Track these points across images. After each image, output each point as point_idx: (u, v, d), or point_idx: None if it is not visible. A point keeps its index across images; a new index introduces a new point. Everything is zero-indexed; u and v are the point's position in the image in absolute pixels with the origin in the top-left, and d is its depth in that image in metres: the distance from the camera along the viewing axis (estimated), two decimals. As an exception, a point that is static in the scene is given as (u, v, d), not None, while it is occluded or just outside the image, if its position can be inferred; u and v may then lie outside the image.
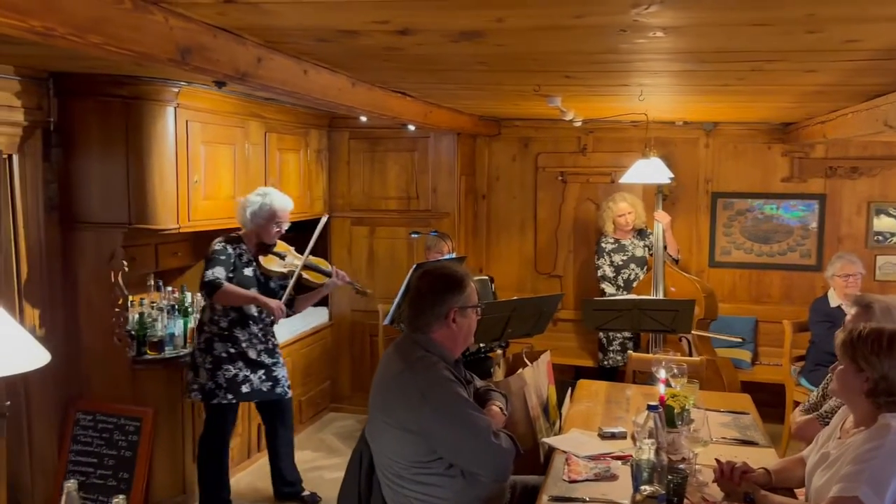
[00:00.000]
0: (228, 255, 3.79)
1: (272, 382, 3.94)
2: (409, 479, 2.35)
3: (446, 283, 2.45)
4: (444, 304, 2.42)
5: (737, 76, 2.79)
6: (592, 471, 2.61)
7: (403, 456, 2.35)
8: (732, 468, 2.46)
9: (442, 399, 2.31)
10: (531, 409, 3.18)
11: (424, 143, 5.57)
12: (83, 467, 3.89)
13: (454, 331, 2.45)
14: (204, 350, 3.84)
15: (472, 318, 2.51)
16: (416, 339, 2.46)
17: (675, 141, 5.70)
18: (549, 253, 6.05)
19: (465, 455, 2.33)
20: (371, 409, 2.48)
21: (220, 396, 3.81)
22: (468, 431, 2.31)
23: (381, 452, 2.43)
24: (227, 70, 2.30)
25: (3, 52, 3.10)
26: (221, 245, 3.83)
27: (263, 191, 3.95)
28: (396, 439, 2.35)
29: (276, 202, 3.88)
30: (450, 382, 2.36)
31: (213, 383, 3.81)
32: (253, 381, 3.87)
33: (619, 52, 2.35)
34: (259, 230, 3.89)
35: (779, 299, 5.72)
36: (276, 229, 3.91)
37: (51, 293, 3.78)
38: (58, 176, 3.82)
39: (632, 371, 4.03)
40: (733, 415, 3.32)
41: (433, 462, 2.33)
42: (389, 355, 2.52)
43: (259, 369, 3.90)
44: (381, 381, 2.46)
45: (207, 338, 3.85)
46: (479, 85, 3.34)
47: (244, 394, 3.86)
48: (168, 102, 3.84)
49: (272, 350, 3.99)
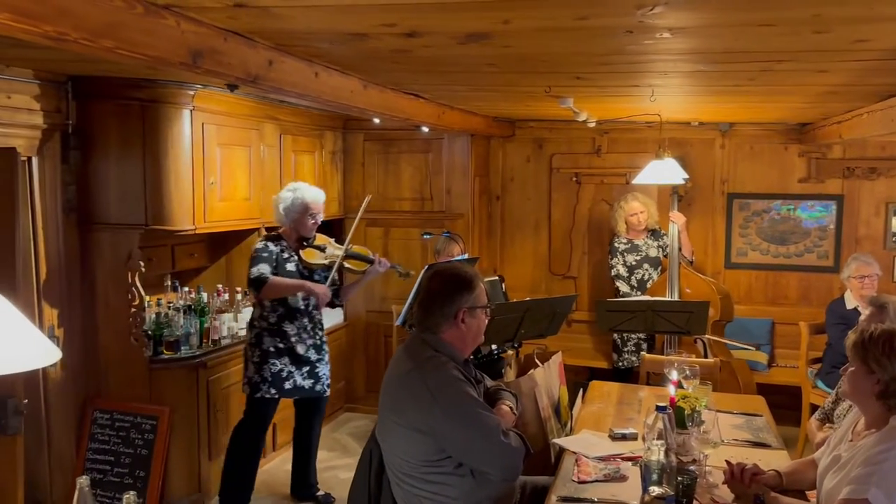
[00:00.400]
0: (270, 252, 3.87)
1: (314, 380, 4.00)
2: (418, 478, 2.37)
3: (455, 284, 2.46)
4: (452, 304, 2.43)
5: (747, 76, 2.77)
6: (602, 472, 2.60)
7: (413, 455, 2.36)
8: (743, 470, 2.44)
9: (451, 399, 2.32)
10: (542, 410, 3.19)
11: (438, 144, 5.58)
12: (100, 465, 3.95)
13: (463, 331, 2.46)
14: (254, 344, 3.93)
15: (482, 319, 2.51)
16: (426, 338, 2.47)
17: (691, 141, 5.68)
18: (564, 254, 6.04)
19: (475, 454, 2.34)
20: (381, 408, 2.49)
21: (264, 390, 3.88)
22: (478, 431, 2.32)
23: (390, 452, 2.45)
24: (239, 73, 2.33)
25: (22, 56, 3.16)
26: (263, 244, 3.92)
27: (293, 186, 4.02)
28: (406, 439, 2.36)
29: (308, 195, 3.95)
30: (459, 382, 2.37)
31: (258, 377, 3.89)
32: (296, 378, 3.94)
33: (626, 53, 2.35)
34: (295, 225, 3.96)
35: (796, 301, 5.67)
36: (312, 221, 3.97)
37: (69, 293, 3.84)
38: (76, 178, 3.88)
39: (645, 372, 4.01)
40: (746, 417, 3.30)
41: (442, 461, 2.34)
42: (399, 355, 2.53)
43: (304, 366, 3.97)
44: (391, 381, 2.47)
45: (257, 333, 3.93)
46: (490, 86, 3.35)
47: (287, 390, 3.93)
48: (184, 105, 3.89)
49: (320, 346, 4.06)
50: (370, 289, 5.66)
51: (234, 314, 4.48)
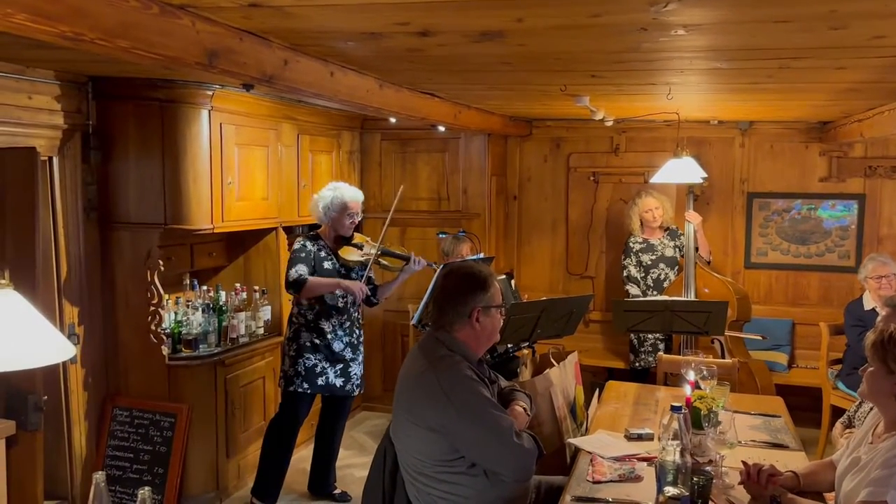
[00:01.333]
0: (308, 251, 3.94)
1: (344, 378, 4.05)
2: (432, 477, 2.37)
3: (470, 283, 2.45)
4: (467, 303, 2.43)
5: (765, 74, 2.74)
6: (617, 472, 2.59)
7: (427, 454, 2.36)
8: (759, 471, 2.42)
9: (465, 398, 2.32)
10: (557, 410, 3.18)
11: (455, 143, 5.59)
12: (119, 462, 4.00)
13: (477, 330, 2.46)
14: (291, 339, 4.02)
15: (497, 318, 2.51)
16: (440, 337, 2.47)
17: (710, 140, 5.63)
18: (581, 254, 6.02)
19: (487, 455, 2.34)
20: (395, 407, 2.50)
21: (297, 384, 3.95)
22: (490, 431, 2.31)
23: (404, 450, 2.45)
24: (254, 73, 2.35)
25: (43, 58, 3.21)
26: (301, 244, 3.98)
27: (333, 185, 4.08)
28: (420, 438, 2.37)
29: (347, 194, 4.01)
30: (472, 382, 2.36)
31: (292, 370, 3.96)
32: (328, 375, 4.00)
33: (641, 50, 2.33)
34: (334, 224, 4.02)
35: (816, 301, 5.60)
36: (350, 221, 4.03)
37: (89, 292, 3.89)
38: (96, 178, 3.93)
39: (663, 373, 3.98)
40: (764, 417, 3.26)
41: (455, 461, 2.34)
42: (414, 354, 2.54)
43: (338, 364, 4.02)
44: (406, 380, 2.48)
45: (296, 329, 4.01)
46: (505, 85, 3.34)
47: (319, 385, 3.99)
48: (202, 105, 3.92)
49: (356, 346, 4.12)
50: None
51: (251, 313, 4.51)
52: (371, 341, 5.88)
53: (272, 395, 4.64)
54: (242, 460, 4.38)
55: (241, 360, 4.33)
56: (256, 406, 4.50)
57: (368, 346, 5.84)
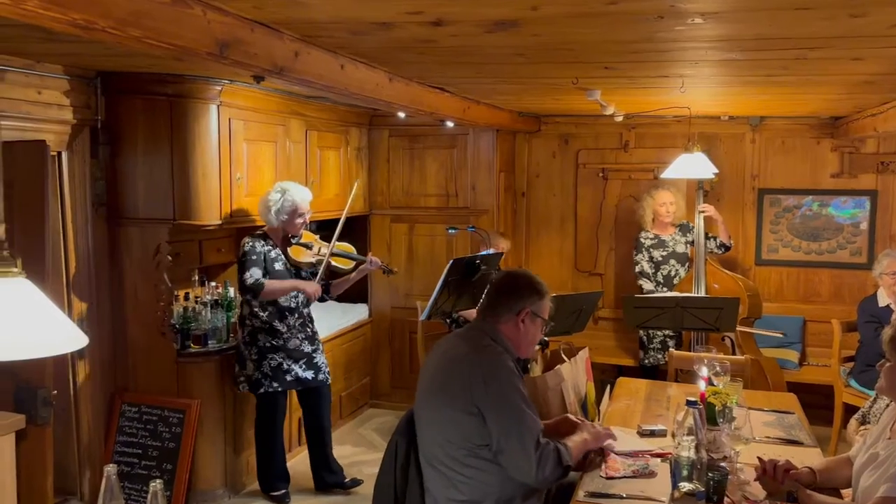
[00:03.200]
0: (259, 253, 3.91)
1: (314, 370, 4.06)
2: (459, 462, 2.37)
3: (528, 284, 2.54)
4: (521, 300, 2.49)
5: (780, 65, 2.71)
6: (630, 467, 2.57)
7: (457, 437, 2.36)
8: (775, 466, 2.39)
9: (502, 388, 2.34)
10: (569, 406, 3.15)
11: (463, 139, 5.56)
12: (128, 458, 3.99)
13: (520, 331, 2.50)
14: (249, 343, 3.98)
15: (538, 330, 2.56)
16: (484, 327, 2.51)
17: (721, 136, 5.59)
18: (590, 251, 5.99)
19: (504, 447, 2.32)
20: (424, 392, 2.50)
21: (266, 385, 3.94)
22: (515, 426, 2.32)
23: (431, 436, 2.44)
24: (265, 64, 2.33)
25: (52, 52, 3.20)
26: (250, 245, 3.93)
27: (281, 186, 4.01)
28: (452, 421, 2.37)
29: (297, 196, 3.96)
30: (513, 374, 2.40)
31: (259, 373, 3.95)
32: (295, 371, 4.00)
33: (656, 40, 2.31)
34: (284, 225, 3.98)
35: (828, 298, 5.56)
36: (301, 221, 4.00)
37: (98, 287, 3.88)
38: (105, 173, 3.92)
39: (674, 369, 3.95)
40: (778, 414, 3.23)
41: (482, 448, 2.35)
42: (452, 341, 2.57)
43: (301, 359, 4.02)
44: (441, 363, 2.49)
45: (251, 331, 3.98)
46: (517, 78, 3.31)
47: (288, 381, 3.99)
48: (211, 100, 3.91)
49: (312, 337, 4.12)
50: (394, 285, 5.67)
51: (260, 309, 4.49)
52: (379, 338, 5.87)
53: (280, 392, 4.62)
54: (251, 456, 4.36)
55: (249, 356, 4.31)
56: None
57: (375, 344, 5.86)
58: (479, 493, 2.38)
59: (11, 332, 1.28)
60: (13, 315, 1.30)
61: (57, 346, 1.32)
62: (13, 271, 1.34)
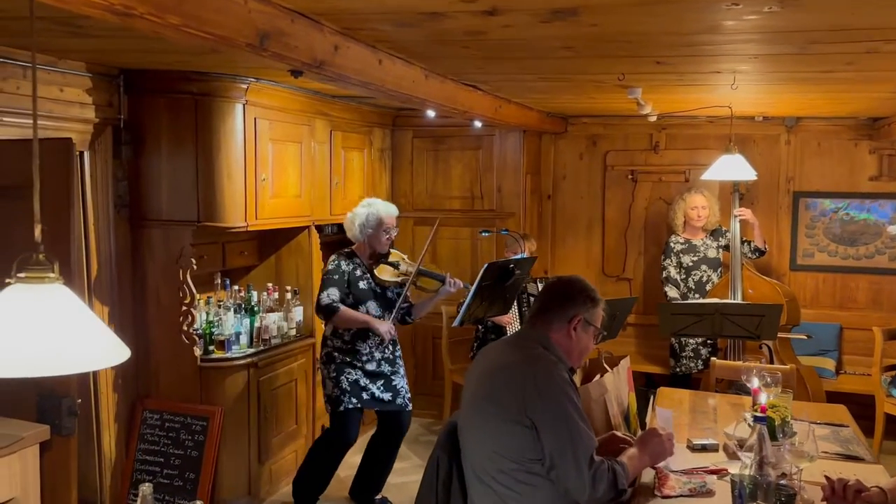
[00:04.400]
0: (342, 272, 3.81)
1: (392, 392, 3.91)
2: (509, 476, 2.23)
3: (582, 290, 2.41)
4: (573, 306, 2.37)
5: (846, 60, 2.56)
6: (686, 486, 2.42)
7: (508, 451, 2.23)
8: (845, 486, 2.23)
9: (556, 399, 2.21)
10: (612, 419, 3.00)
11: (489, 140, 5.44)
12: (150, 466, 3.87)
13: (572, 339, 2.37)
14: (326, 362, 3.87)
15: (590, 340, 2.43)
16: (534, 335, 2.38)
17: (754, 137, 5.43)
18: (618, 255, 5.84)
19: (557, 462, 2.19)
20: (470, 402, 2.37)
21: (346, 402, 3.79)
22: (570, 441, 2.18)
23: (478, 448, 2.31)
24: (305, 58, 2.21)
25: (75, 48, 3.09)
26: (335, 264, 3.83)
27: (367, 202, 3.95)
28: (503, 432, 2.23)
29: (382, 210, 3.88)
30: (568, 386, 2.26)
31: (338, 390, 3.81)
32: (373, 390, 3.85)
33: (720, 31, 2.17)
34: (370, 241, 3.88)
35: (865, 305, 5.39)
36: (387, 237, 3.90)
37: (119, 291, 3.77)
38: (127, 173, 3.82)
39: (714, 379, 3.80)
40: (832, 427, 3.08)
41: (536, 463, 2.21)
42: (500, 348, 2.46)
43: (378, 379, 3.88)
44: (490, 371, 2.35)
45: (328, 352, 3.87)
46: (560, 74, 3.18)
47: (366, 400, 3.84)
48: (237, 99, 3.80)
49: (392, 360, 3.97)
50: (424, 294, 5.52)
51: (283, 313, 4.38)
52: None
53: (304, 399, 4.51)
54: (274, 465, 4.25)
55: (273, 361, 4.20)
56: (288, 409, 4.37)
57: (399, 349, 5.72)
58: (530, 511, 2.24)
59: (49, 344, 1.15)
60: (51, 326, 1.18)
61: (99, 361, 1.19)
62: (50, 277, 1.22)
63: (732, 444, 2.62)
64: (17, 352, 1.11)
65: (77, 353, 1.16)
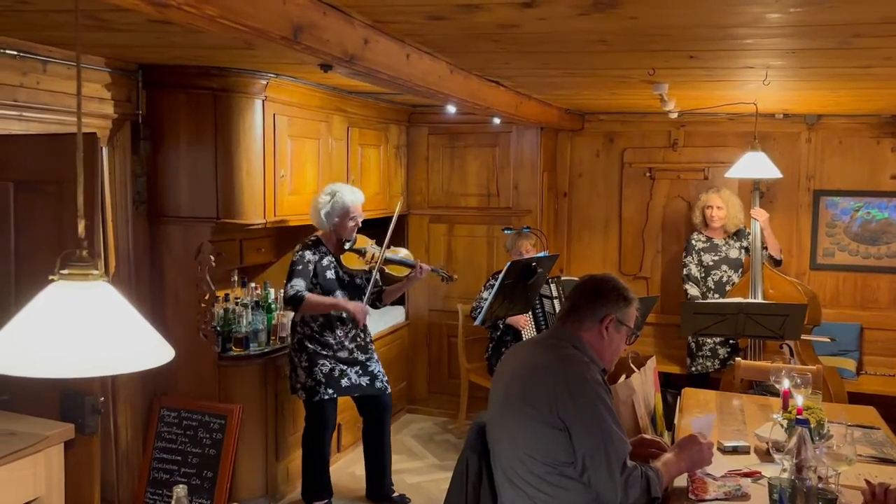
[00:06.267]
0: (307, 262, 3.76)
1: (370, 377, 3.90)
2: (541, 479, 2.19)
3: (614, 290, 2.35)
4: (605, 305, 2.31)
5: (886, 54, 2.50)
6: (721, 489, 2.37)
7: (540, 453, 2.19)
8: (886, 490, 2.19)
9: (589, 402, 2.16)
10: (640, 420, 2.97)
11: (506, 137, 5.39)
12: (167, 465, 3.84)
13: (604, 339, 2.31)
14: (298, 349, 3.84)
15: (622, 340, 2.38)
16: (565, 334, 2.33)
17: (774, 135, 5.36)
18: (635, 253, 5.78)
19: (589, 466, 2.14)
20: (500, 402, 2.32)
21: (321, 392, 3.78)
22: (603, 447, 2.13)
23: (509, 450, 2.26)
24: (336, 51, 2.17)
25: (95, 43, 3.05)
26: (299, 255, 3.78)
27: (331, 188, 3.86)
28: (535, 434, 2.19)
29: (348, 198, 3.80)
30: (601, 388, 2.21)
31: (312, 380, 3.79)
32: (350, 376, 3.84)
33: (761, 24, 2.12)
34: (335, 228, 3.82)
35: (887, 305, 5.32)
36: (352, 224, 3.84)
37: (138, 287, 3.74)
38: (146, 169, 3.79)
39: (738, 379, 3.75)
40: (863, 429, 3.03)
41: (569, 466, 2.17)
42: (529, 348, 2.43)
43: (354, 365, 3.87)
44: (521, 372, 2.30)
45: (300, 338, 3.84)
46: (587, 69, 3.12)
47: (344, 387, 3.83)
48: (256, 95, 3.76)
49: (365, 346, 3.95)
50: (433, 287, 5.49)
51: (301, 311, 4.33)
52: (416, 342, 5.71)
53: (321, 397, 4.47)
54: (292, 463, 4.21)
55: (291, 360, 4.15)
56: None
57: (412, 348, 5.69)
58: (562, 514, 2.20)
59: (94, 344, 1.11)
60: (95, 325, 1.14)
61: (144, 361, 1.16)
62: (94, 274, 1.18)
63: (768, 446, 2.57)
64: (64, 352, 1.07)
65: (123, 354, 1.13)
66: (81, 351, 1.10)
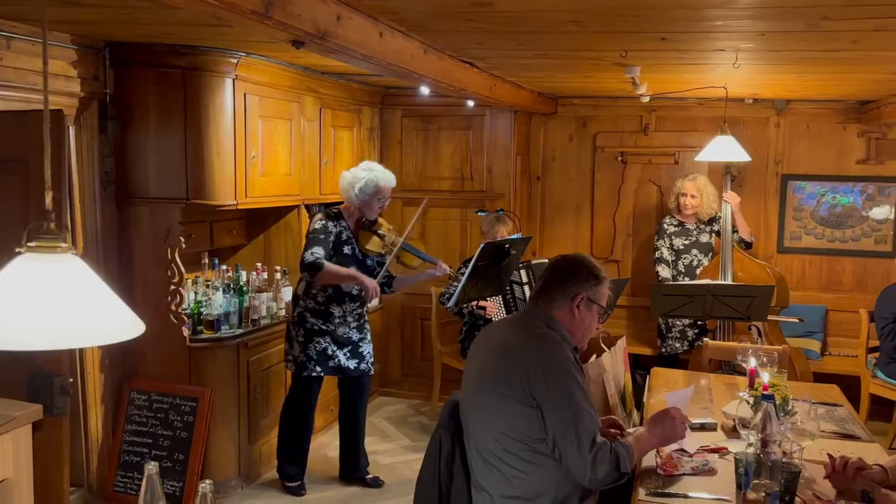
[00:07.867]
0: (329, 232, 3.76)
1: (357, 359, 3.94)
2: (515, 456, 2.21)
3: (585, 269, 2.37)
4: (576, 284, 2.32)
5: (852, 38, 2.55)
6: (689, 464, 2.42)
7: (513, 431, 2.21)
8: (846, 464, 2.25)
9: (561, 379, 2.18)
10: (610, 398, 3.00)
11: (480, 121, 5.38)
12: (138, 447, 3.81)
13: (575, 318, 2.33)
14: (297, 323, 3.86)
15: (593, 319, 2.40)
16: (537, 313, 2.35)
17: (744, 120, 5.43)
18: (607, 237, 5.83)
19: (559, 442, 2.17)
20: (473, 380, 2.33)
21: (310, 369, 3.83)
22: (573, 423, 2.16)
23: (483, 428, 2.28)
24: (308, 27, 2.15)
25: (61, 19, 2.99)
26: (321, 223, 3.77)
27: (368, 165, 3.88)
28: (509, 412, 2.21)
29: (382, 178, 3.83)
30: (572, 366, 2.23)
31: (304, 356, 3.83)
32: (339, 358, 3.87)
33: (733, 5, 2.14)
34: (363, 206, 3.83)
35: (851, 287, 5.44)
36: (380, 205, 3.86)
37: (106, 269, 3.68)
38: (114, 149, 3.72)
39: (707, 360, 3.82)
40: (826, 406, 3.10)
41: (540, 443, 2.20)
42: (504, 327, 2.42)
43: (346, 346, 3.89)
44: (495, 350, 2.32)
45: (301, 312, 3.86)
46: (561, 50, 3.13)
47: (331, 367, 3.87)
48: (226, 74, 3.71)
49: (361, 326, 3.99)
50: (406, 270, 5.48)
51: (273, 293, 4.31)
52: (389, 325, 5.71)
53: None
54: (264, 446, 4.20)
55: (263, 342, 4.14)
56: (278, 390, 4.32)
57: (386, 331, 5.69)
58: (534, 490, 2.23)
59: (61, 316, 1.10)
60: (62, 297, 1.12)
61: (112, 334, 1.14)
62: (62, 247, 1.16)
63: (734, 423, 2.62)
64: (30, 324, 1.06)
65: (92, 326, 1.11)
66: (51, 322, 1.09)
